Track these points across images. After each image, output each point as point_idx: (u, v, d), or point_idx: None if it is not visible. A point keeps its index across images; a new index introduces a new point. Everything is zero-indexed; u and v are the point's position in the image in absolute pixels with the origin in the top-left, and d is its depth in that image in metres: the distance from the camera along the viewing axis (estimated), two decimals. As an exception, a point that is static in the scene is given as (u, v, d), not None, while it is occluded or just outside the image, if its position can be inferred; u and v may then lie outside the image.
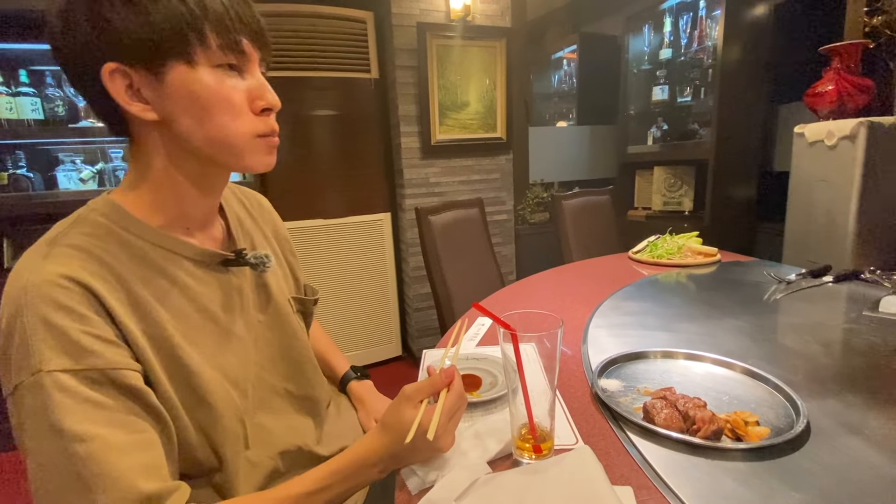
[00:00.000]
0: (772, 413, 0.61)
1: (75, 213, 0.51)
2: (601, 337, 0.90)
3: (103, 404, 0.42)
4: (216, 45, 0.47)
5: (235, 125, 0.50)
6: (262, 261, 0.61)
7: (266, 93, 0.52)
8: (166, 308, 0.51)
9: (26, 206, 1.84)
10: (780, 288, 1.15)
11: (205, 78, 0.48)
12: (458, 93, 2.31)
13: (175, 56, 0.46)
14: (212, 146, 0.51)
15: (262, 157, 0.54)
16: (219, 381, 0.54)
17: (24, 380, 0.41)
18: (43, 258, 0.45)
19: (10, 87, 1.80)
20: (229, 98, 0.49)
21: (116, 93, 0.46)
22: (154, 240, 0.52)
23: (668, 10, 2.47)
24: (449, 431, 0.53)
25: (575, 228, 1.89)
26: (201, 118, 0.49)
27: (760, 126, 2.29)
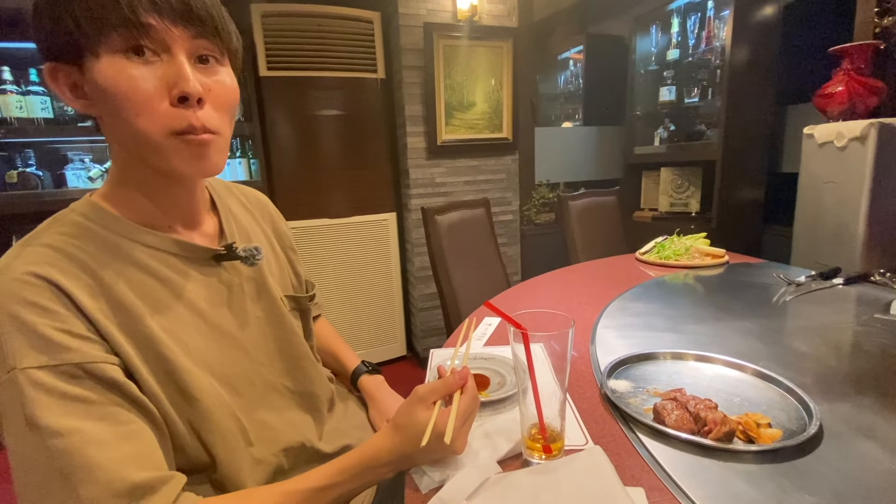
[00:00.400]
0: (784, 415, 0.60)
1: (55, 215, 0.51)
2: (609, 338, 0.90)
3: (83, 398, 0.42)
4: (110, 27, 0.43)
5: (146, 121, 0.45)
6: (252, 253, 0.59)
7: (180, 79, 0.45)
8: (147, 304, 0.50)
9: (35, 204, 1.85)
10: (789, 290, 1.14)
11: (107, 68, 0.43)
12: (465, 93, 2.31)
13: (84, 47, 0.43)
14: (134, 146, 0.48)
15: (185, 159, 0.48)
16: (205, 377, 0.53)
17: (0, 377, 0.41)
18: (14, 258, 0.45)
19: (20, 85, 1.81)
20: (134, 87, 0.44)
21: (58, 90, 0.46)
22: (133, 236, 0.51)
23: (675, 11, 2.46)
24: (462, 434, 0.53)
25: (581, 229, 1.89)
26: (115, 114, 0.45)
27: (768, 127, 2.27)
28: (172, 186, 0.54)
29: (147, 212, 0.53)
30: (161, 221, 0.54)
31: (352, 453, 0.53)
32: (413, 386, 0.54)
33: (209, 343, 0.55)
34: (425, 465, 0.53)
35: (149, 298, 0.50)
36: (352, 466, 0.52)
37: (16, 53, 1.86)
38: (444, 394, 0.53)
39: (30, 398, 0.40)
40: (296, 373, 0.66)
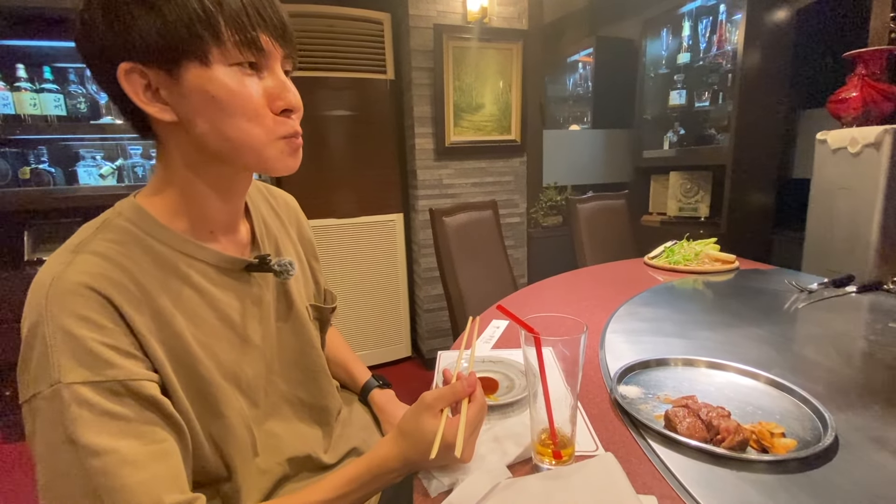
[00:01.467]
0: (798, 425, 0.59)
1: (101, 218, 0.50)
2: (618, 343, 0.89)
3: (122, 416, 0.42)
4: (232, 42, 0.45)
5: (253, 126, 0.48)
6: (286, 268, 0.59)
7: (286, 93, 0.49)
8: (186, 316, 0.50)
9: (47, 201, 1.87)
10: (801, 297, 1.12)
11: (220, 77, 0.45)
12: (474, 94, 2.31)
13: (189, 55, 0.44)
14: (231, 149, 0.49)
15: (285, 158, 0.52)
16: (231, 391, 0.54)
17: (43, 390, 0.40)
18: (66, 266, 0.44)
19: (33, 83, 1.83)
20: (246, 98, 0.47)
21: (133, 93, 0.46)
22: (177, 246, 0.51)
23: (687, 14, 2.45)
24: (470, 443, 0.52)
25: (590, 232, 1.88)
26: (218, 120, 0.47)
27: (780, 132, 2.25)
28: (223, 195, 0.54)
29: (190, 219, 0.53)
30: (202, 229, 0.54)
31: (359, 461, 0.53)
32: (417, 387, 0.54)
33: (239, 356, 0.56)
34: (433, 469, 0.53)
35: (187, 311, 0.51)
36: (360, 475, 0.52)
37: (30, 51, 1.89)
38: (452, 401, 0.53)
39: (71, 414, 0.40)
40: (310, 385, 0.66)
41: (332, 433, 0.68)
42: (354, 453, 0.69)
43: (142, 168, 2.07)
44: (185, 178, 0.51)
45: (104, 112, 1.95)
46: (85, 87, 1.92)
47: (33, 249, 2.00)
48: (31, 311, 0.43)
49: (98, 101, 1.94)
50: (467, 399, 0.53)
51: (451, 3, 2.21)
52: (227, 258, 0.55)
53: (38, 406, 0.40)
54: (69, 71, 1.92)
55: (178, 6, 0.43)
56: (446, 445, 0.49)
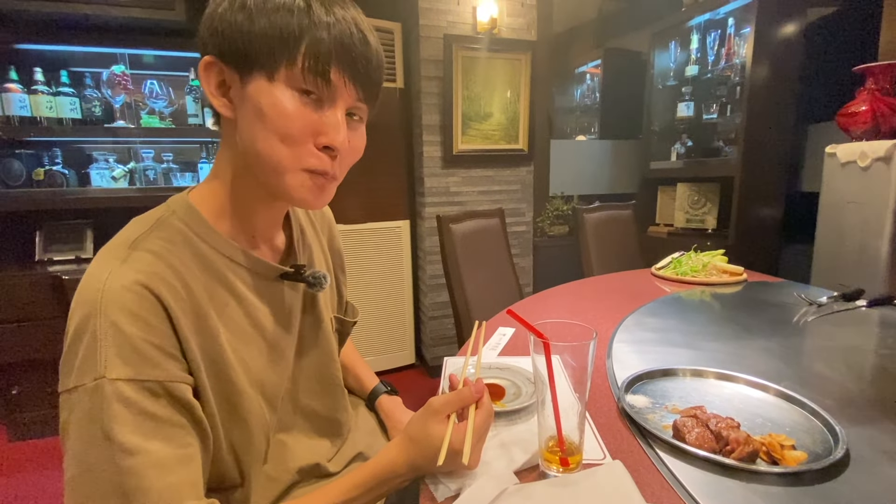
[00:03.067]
0: (808, 438, 0.59)
1: (156, 214, 0.51)
2: (625, 352, 0.89)
3: (156, 416, 0.42)
4: (301, 67, 0.45)
5: (282, 148, 0.47)
6: (320, 281, 0.59)
7: (333, 130, 0.48)
8: (223, 320, 0.51)
9: (59, 202, 1.90)
10: (810, 310, 1.11)
11: (275, 94, 0.46)
12: (482, 104, 2.32)
13: (259, 68, 0.46)
14: (257, 164, 0.49)
15: (305, 192, 0.50)
16: (257, 398, 0.54)
17: (86, 383, 0.40)
18: (122, 262, 0.45)
19: (50, 86, 1.87)
20: (290, 121, 0.46)
21: (206, 83, 0.48)
22: (222, 249, 0.52)
23: (695, 27, 2.46)
24: (477, 450, 0.52)
25: (596, 242, 1.87)
26: (257, 132, 0.47)
27: (788, 145, 2.25)
28: (267, 203, 0.55)
29: (234, 222, 0.54)
30: (244, 233, 0.55)
31: (365, 467, 0.53)
32: (421, 394, 0.55)
33: (267, 363, 0.56)
34: (440, 474, 0.53)
35: (224, 315, 0.51)
36: (366, 481, 0.52)
37: (48, 55, 1.93)
38: (459, 407, 0.53)
39: (112, 410, 0.40)
40: (326, 398, 0.66)
41: (340, 444, 0.68)
42: (360, 458, 0.69)
43: (153, 171, 2.10)
44: (235, 179, 0.52)
45: (118, 116, 1.98)
46: (100, 91, 1.95)
47: (45, 249, 2.02)
48: (84, 302, 0.43)
49: (112, 105, 1.97)
50: (474, 405, 0.53)
51: (462, 13, 2.24)
52: (266, 265, 0.55)
53: (78, 398, 0.41)
54: (85, 75, 1.95)
55: (269, 23, 0.44)
56: (453, 452, 0.49)
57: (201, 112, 2.07)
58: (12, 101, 1.80)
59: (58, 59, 1.94)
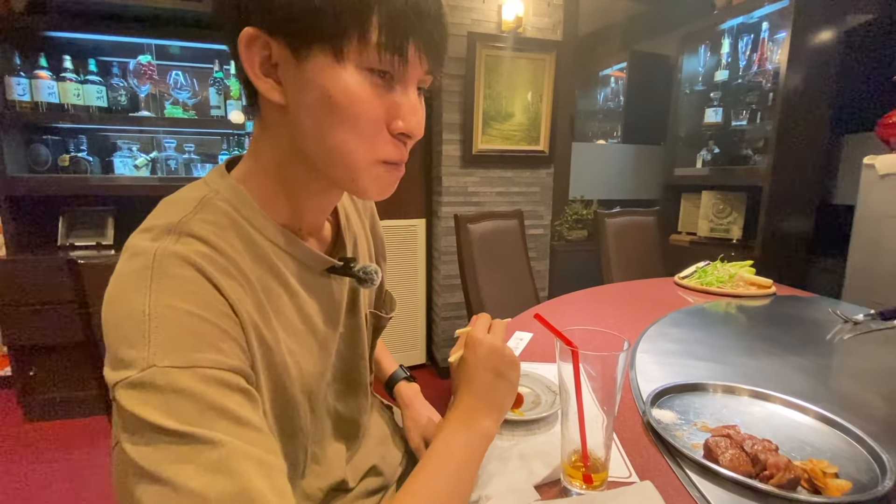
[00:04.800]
0: (851, 466, 0.54)
1: (196, 194, 0.44)
2: (648, 364, 0.85)
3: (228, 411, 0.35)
4: (375, 42, 0.38)
5: (359, 143, 0.41)
6: (371, 276, 0.53)
7: (412, 115, 0.42)
8: (278, 317, 0.45)
9: (83, 188, 1.92)
10: (845, 328, 1.06)
11: (347, 79, 0.39)
12: (504, 103, 2.29)
13: (324, 42, 0.38)
14: (326, 159, 0.43)
15: (380, 186, 0.45)
16: (305, 407, 0.49)
17: (131, 375, 0.34)
18: (173, 244, 0.39)
19: (78, 74, 1.90)
20: (367, 110, 0.40)
21: (248, 62, 0.40)
22: (272, 236, 0.46)
23: (727, 31, 2.39)
24: (499, 337, 0.52)
25: (617, 248, 1.83)
26: (326, 124, 0.41)
27: (822, 155, 2.17)
28: (323, 192, 0.49)
29: (284, 209, 0.48)
30: (294, 221, 0.49)
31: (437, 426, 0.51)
32: (431, 394, 0.53)
33: (317, 366, 0.51)
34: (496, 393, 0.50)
35: (278, 310, 0.45)
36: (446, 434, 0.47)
37: (77, 44, 1.95)
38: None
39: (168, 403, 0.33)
40: (349, 399, 0.60)
41: (355, 448, 0.63)
42: (373, 472, 0.64)
43: (174, 161, 2.11)
44: (280, 168, 0.46)
45: (142, 105, 2.00)
46: (126, 81, 1.97)
47: (67, 235, 2.06)
48: (127, 286, 0.37)
49: (138, 94, 1.99)
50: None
51: (487, 12, 2.21)
52: (317, 257, 0.50)
53: (123, 393, 0.34)
54: (113, 64, 1.98)
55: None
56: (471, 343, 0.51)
57: (224, 104, 2.08)
58: (41, 87, 1.83)
59: (86, 47, 1.97)
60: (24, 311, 1.81)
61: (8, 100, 1.80)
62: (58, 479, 1.58)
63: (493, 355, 0.50)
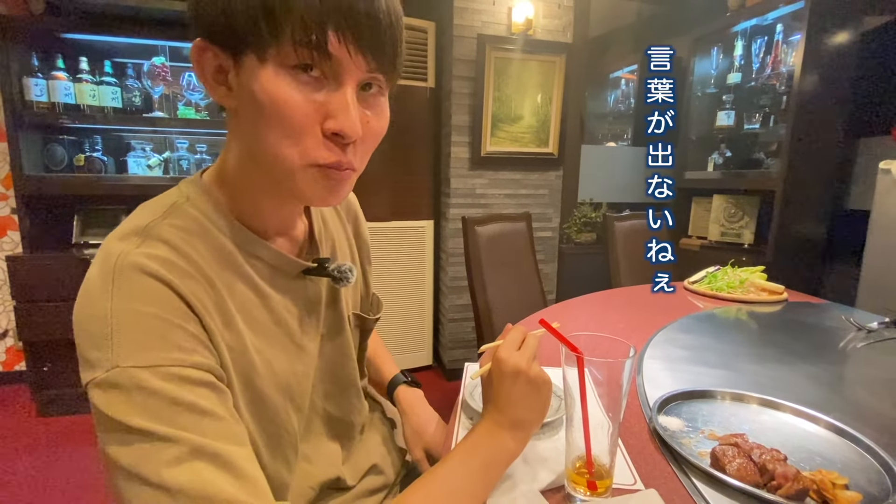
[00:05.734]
0: (862, 477, 0.53)
1: (168, 200, 0.46)
2: (656, 370, 0.84)
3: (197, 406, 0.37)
4: (290, 38, 0.37)
5: (288, 146, 0.40)
6: (346, 275, 0.54)
7: (341, 113, 0.40)
8: (246, 320, 0.46)
9: (98, 188, 1.96)
10: (859, 336, 1.04)
11: (268, 79, 0.39)
12: (513, 105, 2.29)
13: (249, 45, 0.38)
14: (265, 162, 0.43)
15: (319, 191, 0.44)
16: (284, 406, 0.49)
17: (97, 376, 0.36)
18: (135, 247, 0.40)
19: (94, 75, 1.93)
20: (290, 109, 0.39)
21: (200, 70, 0.42)
22: (238, 240, 0.47)
23: (740, 33, 2.36)
24: (520, 355, 0.50)
25: (626, 252, 1.81)
26: (259, 126, 0.41)
27: (836, 159, 2.13)
28: (277, 200, 0.49)
29: (250, 212, 0.49)
30: (259, 224, 0.50)
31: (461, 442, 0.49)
32: (437, 397, 0.52)
33: (293, 365, 0.51)
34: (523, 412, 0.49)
35: (245, 312, 0.46)
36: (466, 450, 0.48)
37: (93, 45, 1.99)
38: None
39: (131, 402, 0.35)
40: (340, 398, 0.61)
41: (351, 447, 0.64)
42: (374, 471, 0.65)
43: (186, 161, 2.14)
44: (240, 172, 0.47)
45: (156, 106, 2.03)
46: (140, 82, 2.01)
47: (81, 233, 2.09)
48: (91, 290, 0.39)
49: (151, 96, 2.02)
50: None
51: (497, 14, 2.21)
52: (286, 259, 0.51)
53: (91, 393, 0.36)
54: (128, 66, 2.01)
55: None
56: (498, 361, 0.49)
57: (235, 105, 2.10)
58: (58, 88, 1.86)
59: (102, 49, 2.01)
60: (40, 307, 1.85)
61: (26, 100, 1.84)
62: (72, 474, 1.60)
63: (518, 376, 0.49)
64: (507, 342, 0.51)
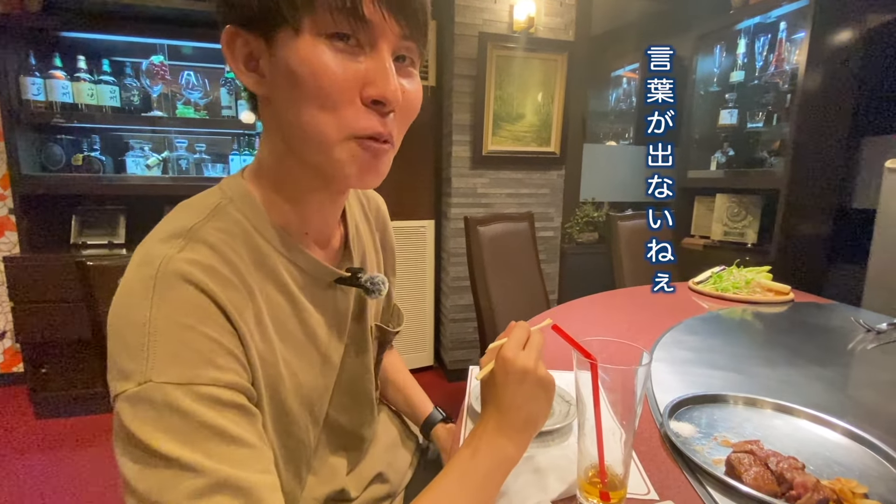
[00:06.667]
0: (882, 485, 0.52)
1: (211, 201, 0.44)
2: (664, 373, 0.82)
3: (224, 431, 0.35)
4: (325, 6, 0.37)
5: (326, 116, 0.39)
6: (378, 287, 0.52)
7: (383, 78, 0.39)
8: (278, 330, 0.45)
9: (96, 187, 1.94)
10: (868, 337, 1.02)
11: (305, 49, 0.38)
12: (515, 104, 2.27)
13: (281, 20, 0.38)
14: (302, 141, 0.42)
15: (357, 167, 0.42)
16: (304, 419, 0.48)
17: (128, 389, 0.34)
18: (178, 251, 0.38)
19: (92, 74, 1.91)
20: (329, 78, 0.38)
21: (231, 59, 0.41)
22: (278, 246, 0.45)
23: (743, 31, 2.35)
24: (526, 355, 0.46)
25: (629, 252, 1.80)
26: (295, 102, 0.40)
27: (840, 158, 2.11)
28: (324, 191, 0.48)
29: (288, 214, 0.47)
30: (297, 227, 0.48)
31: (459, 450, 0.46)
32: (439, 398, 0.51)
33: (317, 378, 0.50)
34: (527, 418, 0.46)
35: (278, 320, 0.45)
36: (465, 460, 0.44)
37: (91, 44, 1.97)
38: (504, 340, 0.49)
39: (161, 420, 0.34)
40: (353, 412, 0.59)
41: (359, 459, 0.62)
42: (379, 479, 0.63)
43: (185, 161, 2.12)
44: (280, 168, 0.45)
45: (154, 105, 2.01)
46: (139, 81, 1.99)
47: (79, 233, 2.08)
48: (132, 291, 0.37)
49: (150, 95, 2.00)
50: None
51: (498, 12, 2.19)
52: (324, 268, 0.49)
53: (120, 406, 0.35)
54: (126, 64, 1.99)
55: None
56: (504, 361, 0.46)
57: (235, 104, 2.09)
58: (56, 87, 1.85)
59: (100, 47, 1.99)
60: (37, 308, 1.83)
61: (23, 99, 1.82)
62: (69, 476, 1.59)
63: (525, 376, 0.45)
64: (511, 340, 0.47)
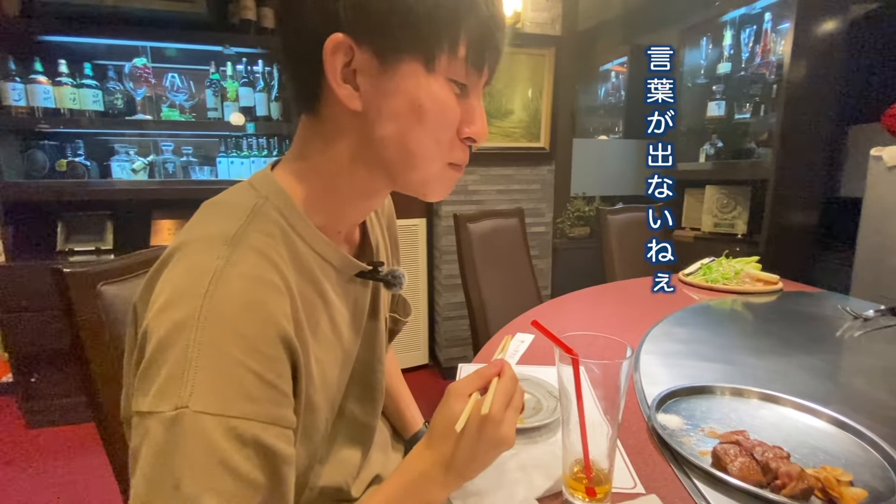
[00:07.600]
0: (867, 472, 0.52)
1: (248, 201, 0.43)
2: (653, 365, 0.82)
3: (236, 472, 0.33)
4: (464, 56, 0.41)
5: (439, 149, 0.44)
6: (399, 280, 0.54)
7: (480, 121, 0.45)
8: (312, 329, 0.44)
9: (81, 193, 1.91)
10: (856, 325, 1.03)
11: (436, 88, 0.41)
12: (503, 100, 2.27)
13: (417, 53, 0.39)
14: (404, 162, 0.44)
15: (444, 186, 0.48)
16: (327, 418, 0.48)
17: (164, 411, 0.33)
18: (225, 262, 0.37)
19: (74, 78, 1.88)
20: (448, 116, 0.43)
21: (331, 68, 0.40)
22: (314, 244, 0.45)
23: (729, 23, 2.35)
24: (508, 421, 0.44)
25: (620, 245, 1.80)
26: (409, 129, 0.42)
27: (827, 147, 2.13)
28: (377, 197, 0.50)
29: (326, 214, 0.47)
30: (334, 226, 0.49)
31: (390, 479, 0.46)
32: (434, 396, 0.49)
33: (341, 374, 0.51)
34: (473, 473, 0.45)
35: (311, 319, 0.44)
36: (393, 496, 0.44)
37: (72, 48, 1.94)
38: (480, 385, 0.46)
39: (187, 452, 0.32)
40: (366, 402, 0.58)
41: (367, 455, 0.60)
42: (377, 481, 0.62)
43: (172, 164, 2.10)
44: (340, 172, 0.45)
45: (139, 109, 1.99)
46: (122, 84, 1.96)
47: (66, 240, 2.05)
48: (179, 307, 0.35)
49: (134, 98, 1.98)
50: (497, 377, 0.46)
51: (484, 7, 2.18)
52: (348, 261, 0.49)
53: (153, 427, 0.33)
54: (108, 67, 1.97)
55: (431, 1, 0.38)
56: (486, 421, 0.43)
57: (221, 106, 2.07)
58: (37, 92, 1.82)
59: (82, 51, 1.96)
60: (25, 317, 1.80)
61: (4, 105, 1.80)
62: (60, 486, 1.57)
63: (501, 445, 0.44)
64: (499, 396, 0.44)
